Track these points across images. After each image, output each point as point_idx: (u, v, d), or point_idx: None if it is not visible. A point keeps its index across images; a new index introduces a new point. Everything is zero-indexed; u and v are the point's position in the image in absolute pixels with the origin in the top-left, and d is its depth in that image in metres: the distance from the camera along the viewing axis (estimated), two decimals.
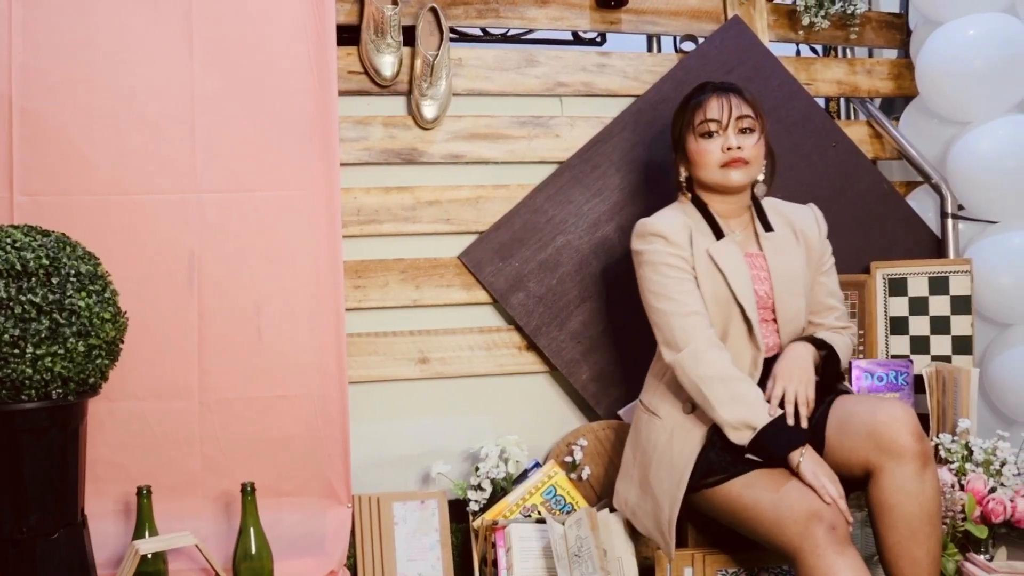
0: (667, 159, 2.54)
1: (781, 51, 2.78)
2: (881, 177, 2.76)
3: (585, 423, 2.49)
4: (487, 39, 2.82)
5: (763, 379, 1.97)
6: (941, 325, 2.56)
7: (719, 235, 2.04)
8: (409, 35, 2.44)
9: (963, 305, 2.54)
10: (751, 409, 1.84)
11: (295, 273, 2.23)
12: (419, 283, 2.44)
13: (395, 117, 2.45)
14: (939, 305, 2.57)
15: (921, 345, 2.58)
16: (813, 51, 3.11)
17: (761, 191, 2.15)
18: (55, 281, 1.76)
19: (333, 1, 2.27)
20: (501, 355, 2.49)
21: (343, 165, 2.32)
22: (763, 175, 2.10)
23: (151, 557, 1.96)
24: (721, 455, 1.88)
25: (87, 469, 1.94)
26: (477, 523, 2.20)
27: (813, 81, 2.81)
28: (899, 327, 2.59)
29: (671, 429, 1.98)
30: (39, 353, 1.71)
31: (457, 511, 2.30)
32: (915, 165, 2.78)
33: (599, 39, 2.99)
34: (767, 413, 1.84)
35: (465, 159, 2.49)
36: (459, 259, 2.47)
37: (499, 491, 2.26)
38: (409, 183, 2.46)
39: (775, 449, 1.81)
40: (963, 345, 2.54)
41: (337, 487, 2.24)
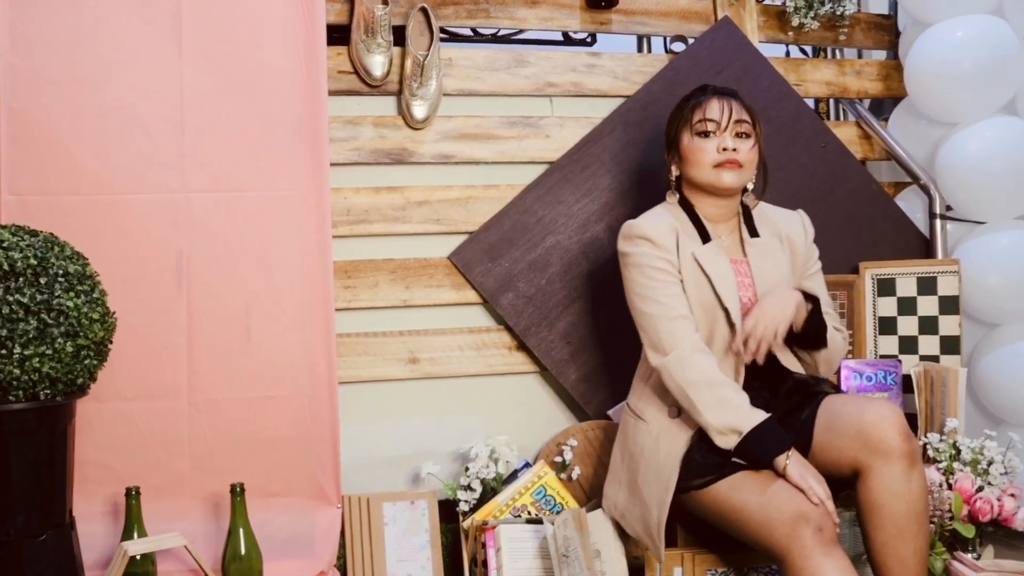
0: (657, 159, 2.55)
1: (771, 52, 2.79)
2: (870, 178, 2.77)
3: (575, 423, 2.49)
4: (477, 39, 2.82)
5: (747, 384, 1.98)
6: (929, 325, 2.58)
7: (705, 239, 2.04)
8: (399, 35, 2.44)
9: (951, 305, 2.56)
10: (737, 414, 1.84)
11: (284, 273, 2.22)
12: (409, 283, 2.44)
13: (385, 117, 2.45)
14: (927, 305, 2.58)
15: (909, 345, 2.59)
16: (803, 52, 3.12)
17: (751, 201, 2.15)
18: (43, 281, 1.75)
19: (323, 1, 2.27)
20: (491, 355, 2.49)
21: (333, 165, 2.31)
22: (753, 184, 2.11)
23: (140, 558, 1.95)
24: (707, 457, 1.88)
25: (75, 470, 1.93)
26: (467, 523, 2.20)
27: (802, 82, 2.82)
28: (887, 327, 2.61)
29: (657, 433, 1.98)
30: (27, 354, 1.70)
31: (447, 511, 2.29)
32: (904, 166, 2.80)
33: (589, 39, 2.99)
34: (753, 418, 1.83)
35: (455, 159, 2.49)
36: (449, 259, 2.47)
37: (489, 491, 2.26)
38: (399, 183, 2.46)
39: (761, 454, 1.81)
40: (951, 345, 2.55)
41: (327, 487, 2.24)
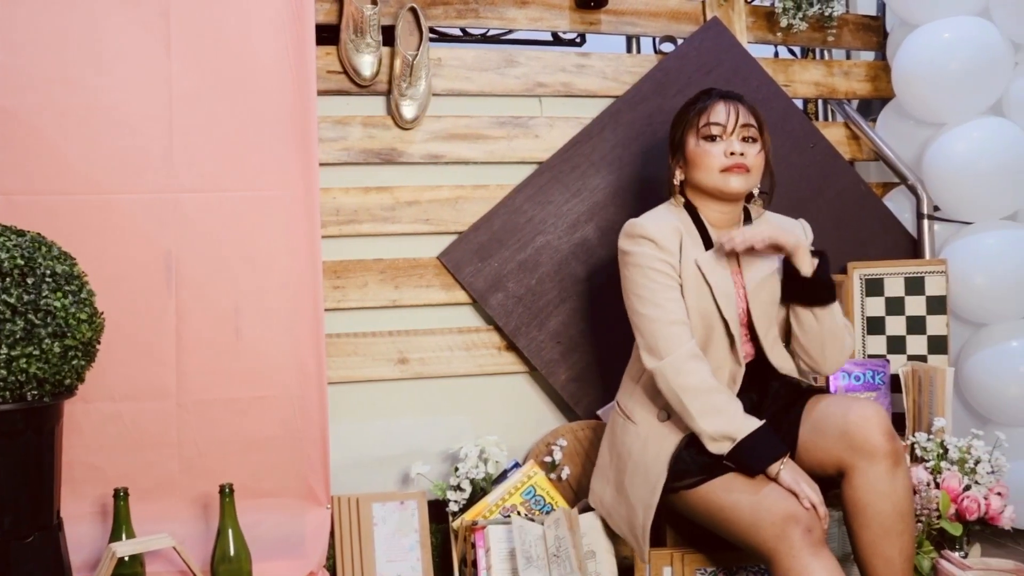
0: (646, 160, 2.56)
1: (760, 52, 2.80)
2: (858, 178, 2.78)
3: (564, 423, 2.49)
4: (467, 39, 2.82)
5: (742, 392, 1.98)
6: (917, 325, 2.59)
7: (708, 244, 2.01)
8: (388, 35, 2.44)
9: (938, 305, 2.57)
10: (730, 422, 1.84)
11: (274, 273, 2.22)
12: (398, 283, 2.44)
13: (374, 117, 2.45)
14: (915, 305, 2.59)
15: (897, 345, 2.60)
16: (791, 53, 3.13)
17: (756, 211, 2.13)
18: (30, 281, 1.74)
19: (312, 0, 2.26)
20: (480, 355, 2.49)
21: (322, 165, 2.31)
22: (758, 190, 2.07)
23: (128, 560, 1.94)
24: (698, 457, 1.88)
25: (63, 471, 1.93)
26: (457, 524, 2.20)
27: (791, 82, 2.83)
28: (875, 327, 2.62)
29: (645, 436, 1.98)
30: (14, 354, 1.69)
31: (437, 512, 2.29)
32: (891, 166, 2.81)
33: (579, 40, 3.00)
34: (747, 425, 1.83)
35: (445, 159, 2.49)
36: (438, 259, 2.47)
37: (479, 491, 2.26)
38: (388, 183, 2.46)
39: (753, 463, 1.82)
40: (938, 345, 2.57)
41: (316, 488, 2.23)
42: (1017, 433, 2.53)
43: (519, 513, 2.20)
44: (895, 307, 2.61)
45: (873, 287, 2.63)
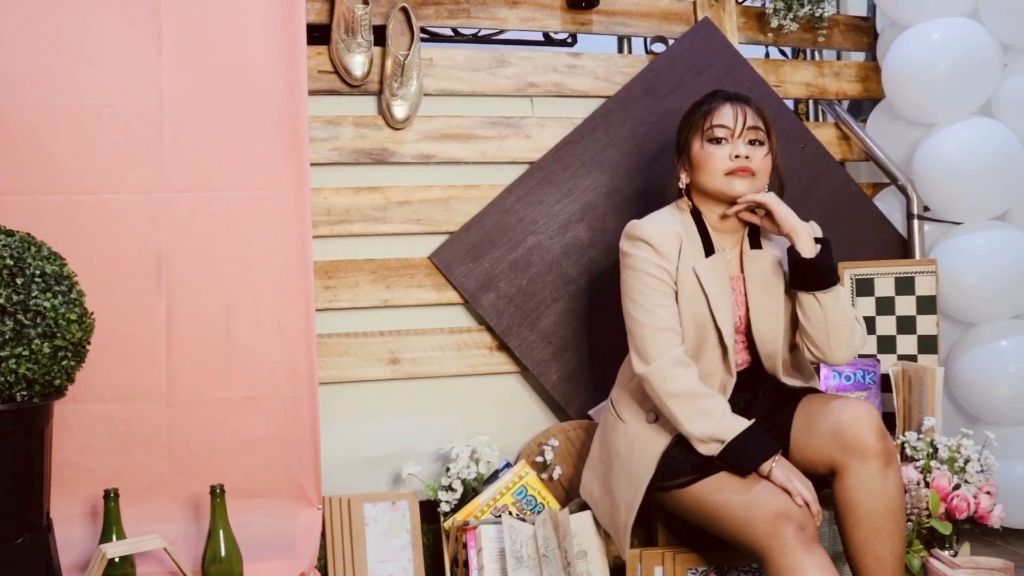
0: (637, 160, 2.56)
1: (750, 53, 2.81)
2: (849, 178, 2.79)
3: (556, 423, 2.49)
4: (458, 39, 2.82)
5: (732, 396, 1.98)
6: (907, 325, 2.60)
7: (709, 250, 2.00)
8: (380, 35, 2.43)
9: (928, 305, 2.58)
10: (718, 424, 1.84)
11: (265, 273, 2.21)
12: (390, 283, 2.44)
13: (366, 117, 2.45)
14: (905, 305, 2.60)
15: (888, 344, 2.61)
16: (782, 53, 3.14)
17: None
18: (20, 282, 1.73)
19: (303, 0, 2.26)
20: (472, 356, 2.49)
21: (313, 165, 2.31)
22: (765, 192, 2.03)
23: (119, 561, 1.93)
24: (689, 456, 1.89)
25: (53, 472, 1.92)
26: (448, 524, 2.20)
27: (782, 83, 2.84)
28: (867, 327, 2.62)
29: (632, 436, 1.99)
30: (2, 355, 1.68)
31: (428, 512, 2.29)
32: (882, 167, 2.82)
33: (570, 40, 3.00)
34: (735, 426, 1.83)
35: (436, 159, 2.49)
36: (430, 259, 2.46)
37: (470, 492, 2.26)
38: (380, 183, 2.45)
39: (744, 462, 1.82)
40: (928, 344, 2.58)
41: (307, 488, 2.23)
42: (1006, 432, 2.55)
43: (511, 513, 2.20)
44: (885, 307, 2.62)
45: (864, 287, 2.63)
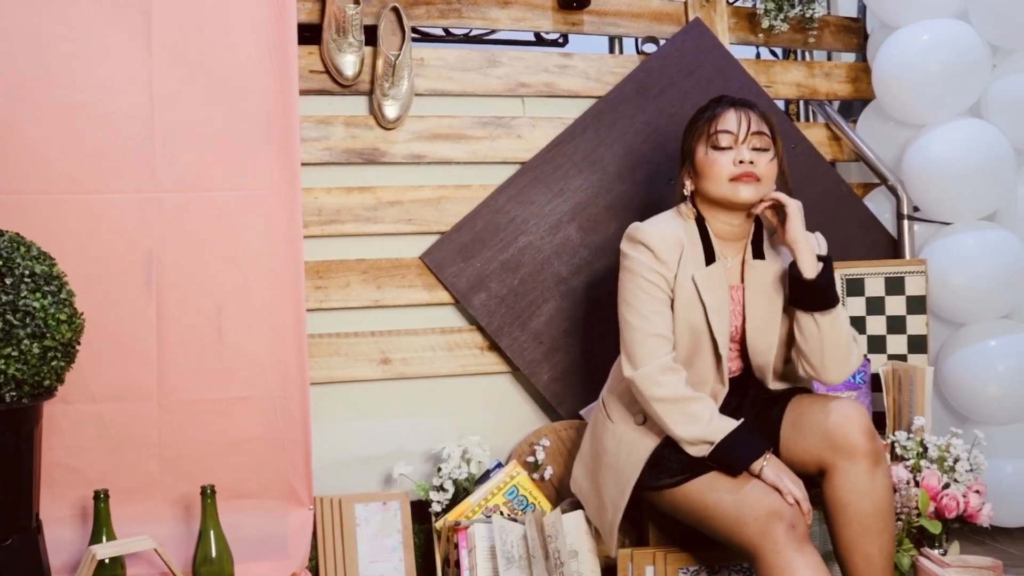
0: (629, 160, 2.57)
1: (741, 53, 2.81)
2: (839, 179, 2.80)
3: (547, 423, 2.49)
4: (449, 39, 2.81)
5: (721, 406, 1.96)
6: (897, 325, 2.61)
7: (710, 259, 1.97)
8: (371, 35, 2.43)
9: (918, 305, 2.59)
10: (706, 427, 1.84)
11: (256, 273, 2.21)
12: (381, 283, 2.44)
13: (357, 117, 2.44)
14: (895, 305, 2.61)
15: (878, 344, 2.62)
16: (773, 54, 3.14)
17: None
18: (9, 282, 1.73)
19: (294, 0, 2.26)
20: (463, 356, 2.49)
21: (304, 165, 2.30)
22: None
23: (109, 562, 1.93)
24: (680, 456, 1.89)
25: (42, 473, 1.91)
26: (439, 524, 2.20)
27: (773, 83, 2.84)
28: (856, 327, 2.63)
29: (620, 438, 1.99)
30: None
31: (419, 512, 2.29)
32: (872, 167, 2.83)
33: (561, 40, 2.99)
34: (723, 428, 1.83)
35: (427, 159, 2.49)
36: (421, 259, 2.46)
37: (461, 492, 2.26)
38: (371, 183, 2.45)
39: (734, 462, 1.82)
40: (918, 344, 2.59)
41: (299, 489, 2.22)
42: (995, 432, 2.56)
43: (502, 513, 2.21)
44: (875, 307, 2.63)
45: (854, 287, 2.64)
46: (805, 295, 1.91)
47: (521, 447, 2.41)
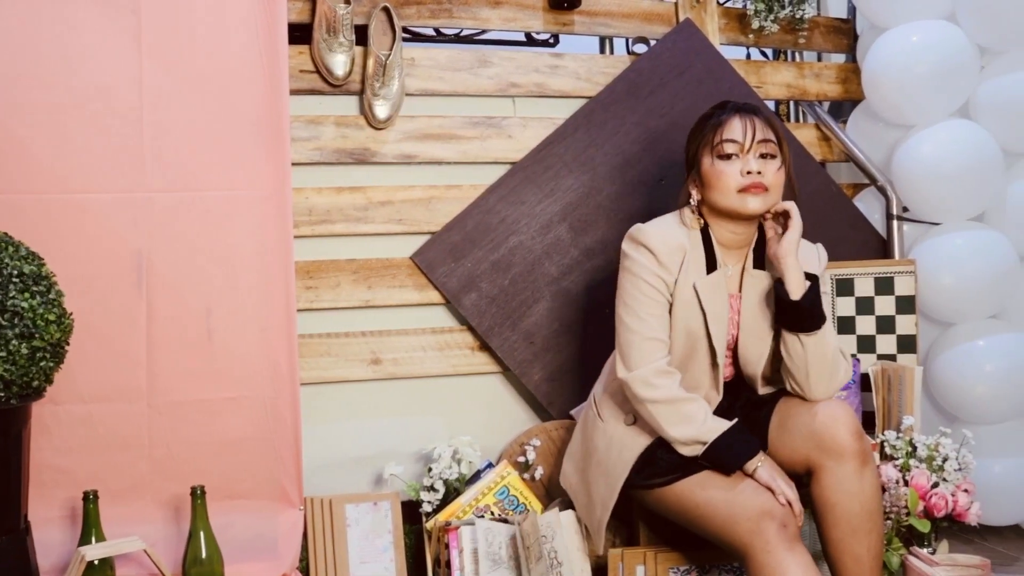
0: (620, 160, 2.57)
1: (732, 54, 2.82)
2: (829, 179, 2.81)
3: (538, 423, 2.49)
4: (440, 39, 2.82)
5: (716, 412, 1.96)
6: (886, 324, 2.62)
7: (712, 266, 1.95)
8: (361, 34, 2.43)
9: (907, 305, 2.60)
10: (699, 428, 1.84)
11: (246, 274, 2.20)
12: (371, 284, 2.43)
13: (347, 117, 2.44)
14: (884, 305, 2.62)
15: (867, 344, 2.63)
16: (763, 54, 3.15)
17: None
18: None
19: None
20: (454, 356, 2.49)
21: (294, 165, 2.30)
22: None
23: (98, 563, 1.92)
24: (672, 455, 1.89)
25: (31, 474, 1.90)
26: (430, 524, 2.20)
27: (763, 84, 2.85)
28: (846, 326, 2.64)
29: (610, 437, 1.99)
30: None
31: (410, 512, 2.29)
32: (861, 167, 2.84)
33: (552, 40, 3.00)
34: (716, 428, 1.84)
35: (418, 159, 2.49)
36: (411, 260, 2.46)
37: (452, 492, 2.26)
38: (361, 183, 2.45)
39: (729, 461, 1.83)
40: (908, 344, 2.59)
41: (289, 489, 2.22)
42: (984, 431, 2.56)
43: (492, 514, 2.21)
44: (865, 307, 2.63)
45: (843, 287, 2.65)
46: (791, 315, 1.90)
47: (512, 447, 2.42)
